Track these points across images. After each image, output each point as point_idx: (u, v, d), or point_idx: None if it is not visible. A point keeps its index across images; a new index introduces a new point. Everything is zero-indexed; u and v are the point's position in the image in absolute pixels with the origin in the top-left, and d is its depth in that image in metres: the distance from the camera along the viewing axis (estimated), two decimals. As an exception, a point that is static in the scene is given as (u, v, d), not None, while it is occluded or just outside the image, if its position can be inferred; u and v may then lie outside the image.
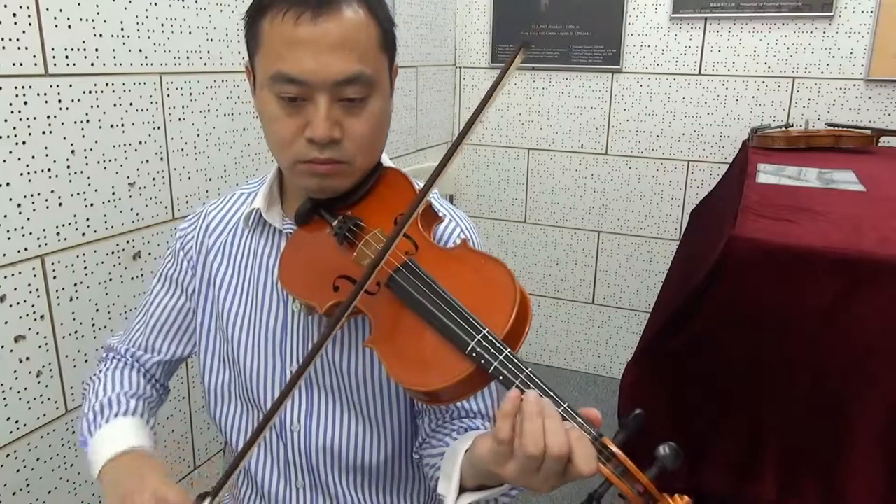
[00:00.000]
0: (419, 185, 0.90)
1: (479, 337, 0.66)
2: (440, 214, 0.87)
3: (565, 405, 0.65)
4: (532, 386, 0.65)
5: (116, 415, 0.92)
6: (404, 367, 0.70)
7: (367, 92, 0.81)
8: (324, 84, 0.78)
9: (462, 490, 0.75)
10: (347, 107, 0.80)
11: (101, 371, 1.02)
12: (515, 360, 0.65)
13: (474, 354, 0.66)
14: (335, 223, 0.84)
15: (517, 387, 0.65)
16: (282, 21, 0.77)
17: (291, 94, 0.79)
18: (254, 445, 0.73)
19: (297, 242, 0.88)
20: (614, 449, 0.63)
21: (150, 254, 1.44)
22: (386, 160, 0.93)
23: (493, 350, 0.65)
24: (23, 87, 1.15)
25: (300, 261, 0.86)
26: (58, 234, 1.25)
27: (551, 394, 0.65)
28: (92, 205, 1.31)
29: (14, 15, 1.13)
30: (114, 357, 1.03)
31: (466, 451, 0.75)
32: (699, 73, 2.57)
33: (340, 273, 0.80)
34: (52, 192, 1.23)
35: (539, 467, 0.64)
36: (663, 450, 0.63)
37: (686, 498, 0.62)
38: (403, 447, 0.95)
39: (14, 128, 1.15)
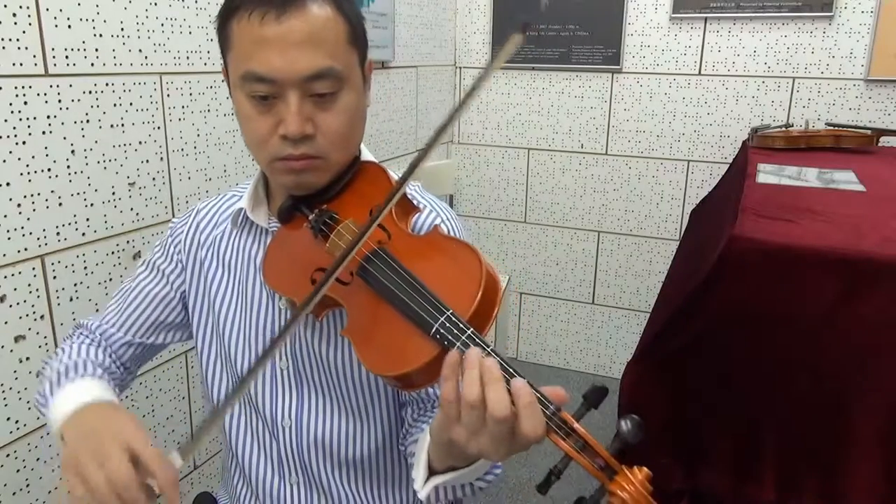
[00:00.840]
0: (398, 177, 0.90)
1: (442, 318, 0.66)
2: (419, 205, 0.88)
3: (525, 379, 0.64)
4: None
5: (83, 377, 0.88)
6: (374, 353, 0.71)
7: (338, 87, 0.82)
8: (292, 80, 0.79)
9: (434, 473, 0.75)
10: (318, 102, 0.81)
11: (66, 344, 0.99)
12: (478, 340, 0.65)
13: (438, 336, 0.66)
14: (311, 217, 0.85)
15: None
16: (248, 21, 0.78)
17: (262, 93, 0.80)
18: (225, 411, 0.71)
19: (280, 240, 0.90)
20: (574, 425, 0.63)
21: (150, 254, 1.44)
22: (366, 154, 0.93)
23: (455, 331, 0.65)
24: (23, 87, 1.15)
25: (282, 257, 0.88)
26: (58, 234, 1.25)
27: (510, 370, 0.64)
28: (92, 205, 1.31)
29: (14, 15, 1.13)
30: (82, 334, 1.01)
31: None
32: (699, 73, 2.57)
33: (317, 266, 0.81)
34: (52, 192, 1.22)
35: (483, 425, 0.63)
36: (625, 424, 0.62)
37: (645, 469, 0.62)
38: (392, 441, 0.96)
39: (14, 128, 1.15)
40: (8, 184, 1.15)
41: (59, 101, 1.22)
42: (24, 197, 1.18)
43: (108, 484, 0.67)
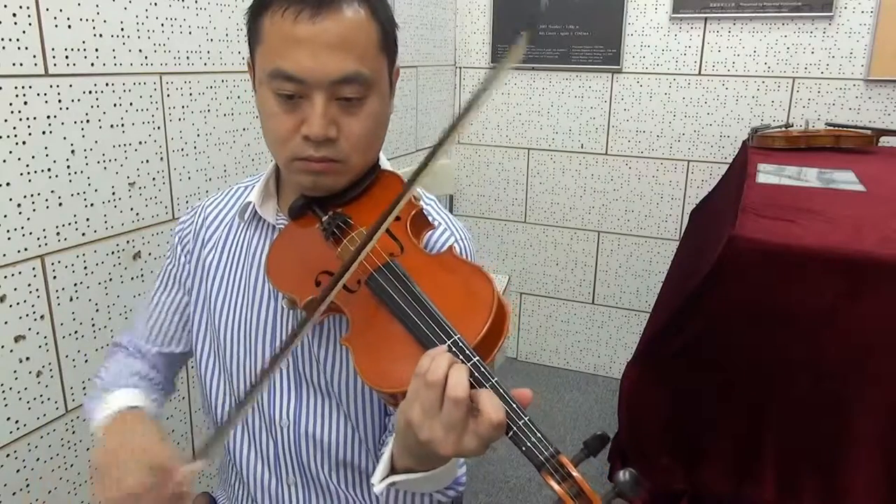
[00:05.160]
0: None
1: (448, 342, 0.66)
2: (434, 223, 0.88)
3: (526, 419, 0.62)
4: (497, 396, 0.63)
5: (121, 388, 0.95)
6: (371, 366, 0.70)
7: (365, 92, 0.81)
8: (321, 82, 0.78)
9: (395, 472, 0.74)
10: (344, 106, 0.81)
11: (108, 361, 1.05)
12: (483, 369, 0.64)
13: None
14: (324, 219, 0.84)
15: None
16: (281, 18, 0.78)
17: (289, 92, 0.80)
18: (232, 424, 0.74)
19: (288, 236, 0.89)
20: (572, 470, 0.60)
21: (150, 254, 1.44)
22: (384, 162, 0.93)
23: (461, 357, 0.64)
24: (23, 87, 1.15)
25: (288, 254, 0.87)
26: (58, 234, 1.25)
27: (513, 405, 0.63)
28: (92, 205, 1.31)
29: (14, 15, 1.13)
30: (118, 350, 1.07)
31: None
32: (699, 73, 2.57)
33: (323, 268, 0.80)
34: (52, 192, 1.22)
35: (439, 408, 0.62)
36: (623, 475, 0.60)
37: None
38: None
39: (14, 128, 1.15)
40: (8, 184, 1.15)
41: (59, 101, 1.22)
42: (24, 197, 1.18)
43: (125, 498, 0.76)
